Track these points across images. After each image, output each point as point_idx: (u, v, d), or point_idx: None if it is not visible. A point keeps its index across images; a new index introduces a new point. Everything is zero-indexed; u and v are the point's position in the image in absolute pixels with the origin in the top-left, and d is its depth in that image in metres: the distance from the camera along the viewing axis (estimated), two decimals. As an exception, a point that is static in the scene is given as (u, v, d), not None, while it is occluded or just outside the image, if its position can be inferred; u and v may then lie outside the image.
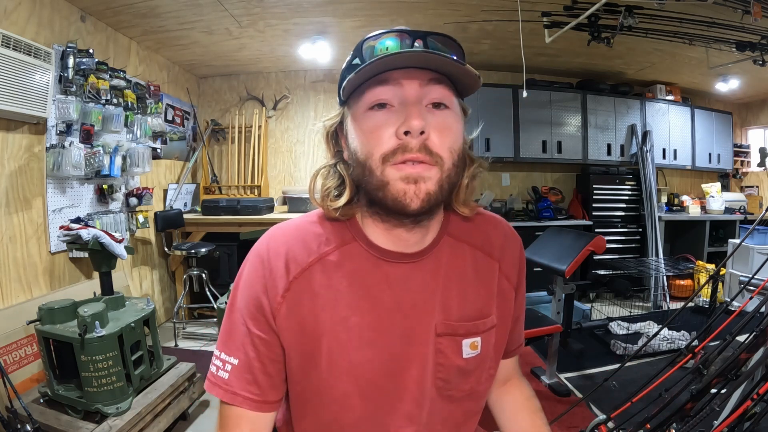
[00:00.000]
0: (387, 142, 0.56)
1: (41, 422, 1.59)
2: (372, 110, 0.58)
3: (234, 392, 0.62)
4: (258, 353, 0.62)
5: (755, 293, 1.70)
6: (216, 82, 4.17)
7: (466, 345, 0.66)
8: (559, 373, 2.51)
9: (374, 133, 0.57)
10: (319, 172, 0.67)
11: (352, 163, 0.61)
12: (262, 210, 3.55)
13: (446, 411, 0.67)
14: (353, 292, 0.62)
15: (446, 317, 0.65)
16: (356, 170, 0.60)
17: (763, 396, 1.10)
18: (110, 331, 1.67)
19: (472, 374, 0.67)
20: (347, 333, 0.62)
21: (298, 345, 0.62)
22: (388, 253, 0.64)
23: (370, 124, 0.57)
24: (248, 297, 0.63)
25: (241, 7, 2.72)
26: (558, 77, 4.27)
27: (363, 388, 0.62)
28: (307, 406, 0.65)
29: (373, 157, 0.56)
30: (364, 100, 0.58)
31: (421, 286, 0.64)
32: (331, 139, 0.66)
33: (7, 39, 1.94)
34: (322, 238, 0.64)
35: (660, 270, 3.55)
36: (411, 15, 2.91)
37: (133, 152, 2.88)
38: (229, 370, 0.62)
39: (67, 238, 2.03)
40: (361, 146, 0.58)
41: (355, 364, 0.62)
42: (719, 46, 2.99)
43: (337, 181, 0.65)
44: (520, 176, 4.42)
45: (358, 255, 0.63)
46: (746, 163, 4.94)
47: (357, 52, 0.60)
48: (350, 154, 0.61)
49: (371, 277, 0.63)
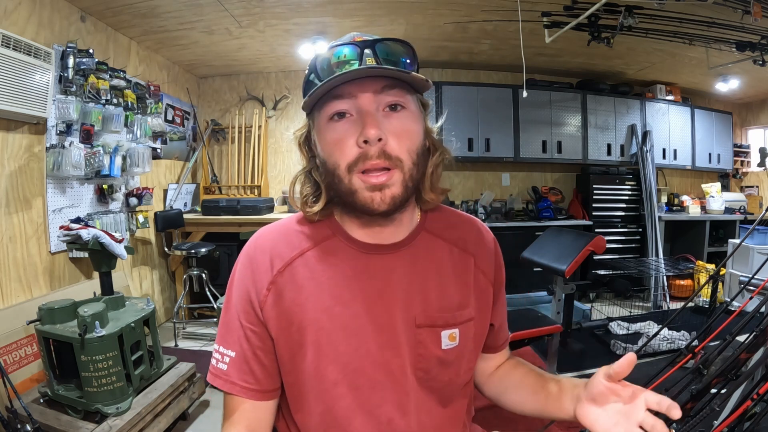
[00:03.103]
0: (349, 151, 0.60)
1: (41, 422, 1.59)
2: (332, 121, 0.62)
3: (232, 382, 0.66)
4: (251, 345, 0.67)
5: (755, 293, 1.70)
6: (216, 82, 4.18)
7: (445, 336, 0.68)
8: (559, 373, 2.50)
9: (337, 144, 0.61)
10: (297, 179, 0.72)
11: (323, 171, 0.66)
12: (262, 210, 3.55)
13: (430, 401, 0.69)
14: (335, 283, 0.66)
15: (425, 308, 0.68)
16: (327, 177, 0.65)
17: (763, 396, 1.10)
18: (110, 331, 1.67)
19: (451, 366, 0.69)
20: (331, 322, 0.65)
21: (286, 335, 0.66)
22: (366, 245, 0.68)
23: (333, 135, 0.61)
24: (239, 293, 0.68)
25: (241, 7, 2.72)
26: (558, 77, 4.27)
27: (350, 378, 0.65)
28: (301, 397, 0.67)
29: (340, 167, 0.61)
30: (325, 112, 0.62)
31: (399, 277, 0.67)
32: (304, 146, 0.70)
33: (7, 39, 1.94)
34: (303, 235, 0.69)
35: (660, 270, 3.55)
36: (411, 15, 2.91)
37: (133, 152, 2.88)
38: (228, 362, 0.67)
39: (67, 238, 2.02)
40: (328, 156, 0.63)
41: (340, 353, 0.64)
42: (719, 46, 2.99)
43: (313, 188, 0.70)
44: (520, 176, 4.42)
45: (339, 249, 0.68)
46: (746, 163, 4.94)
47: (312, 68, 0.63)
48: (321, 162, 0.66)
49: (352, 269, 0.67)
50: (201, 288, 3.22)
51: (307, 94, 0.62)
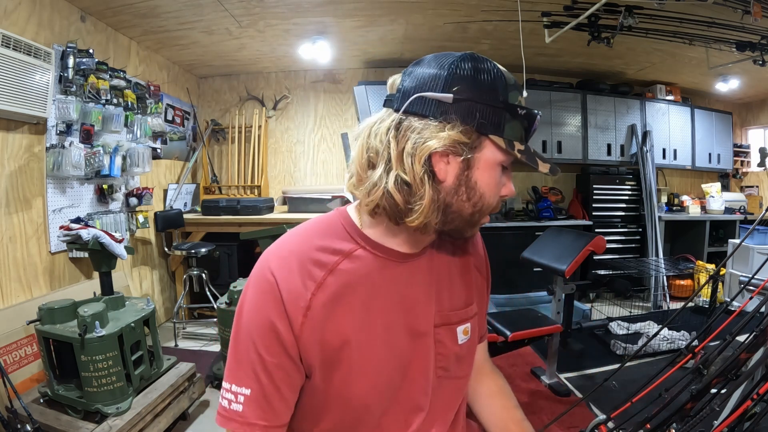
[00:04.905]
0: (494, 200, 0.63)
1: (41, 422, 1.60)
2: (498, 167, 0.61)
3: (250, 423, 0.60)
4: (272, 380, 0.61)
5: (755, 293, 1.69)
6: (216, 82, 4.17)
7: (460, 332, 0.72)
8: (559, 373, 2.51)
9: (493, 189, 0.62)
10: (398, 180, 0.60)
11: (452, 195, 0.60)
12: (262, 210, 3.55)
13: (446, 395, 0.72)
14: (365, 295, 0.64)
15: (440, 308, 0.70)
16: (456, 205, 0.61)
17: (763, 396, 1.10)
18: (110, 331, 1.67)
19: (465, 360, 0.75)
20: (366, 335, 0.63)
21: (321, 358, 0.62)
22: (394, 253, 0.66)
23: (494, 179, 0.61)
24: (258, 323, 0.61)
25: (241, 7, 2.71)
26: (558, 77, 4.27)
27: (380, 387, 0.65)
28: (324, 411, 0.66)
29: (483, 209, 0.62)
30: (498, 154, 0.60)
31: (420, 282, 0.68)
32: (447, 156, 0.59)
33: (7, 39, 1.94)
34: (328, 249, 0.64)
35: (660, 270, 3.55)
36: (411, 15, 2.90)
37: (133, 152, 2.88)
38: (243, 402, 0.60)
39: (67, 238, 2.03)
40: (480, 197, 0.61)
41: (374, 364, 0.64)
42: (719, 46, 2.99)
43: (408, 195, 0.60)
44: (520, 176, 4.41)
45: (366, 259, 0.65)
46: (746, 163, 4.94)
47: (509, 90, 0.59)
48: (454, 187, 0.60)
49: (380, 279, 0.65)
50: (201, 288, 3.22)
51: (508, 121, 0.58)
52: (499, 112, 0.58)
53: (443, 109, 0.57)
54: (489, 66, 0.60)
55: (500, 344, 2.12)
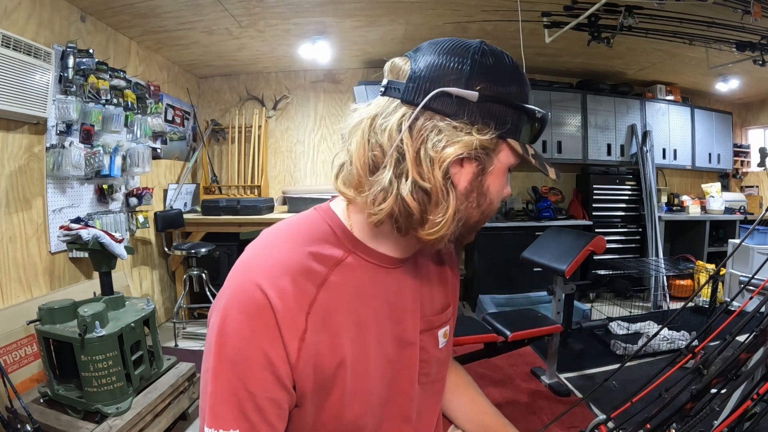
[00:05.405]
0: (499, 204, 0.61)
1: (41, 422, 1.59)
2: (507, 171, 0.58)
3: None
4: (264, 416, 0.51)
5: (755, 293, 1.69)
6: (216, 82, 4.17)
7: (441, 335, 0.69)
8: (559, 373, 2.51)
9: (500, 194, 0.59)
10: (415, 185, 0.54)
11: (462, 201, 0.56)
12: (262, 210, 3.55)
13: (428, 401, 0.70)
14: (357, 310, 0.59)
15: (423, 314, 0.67)
16: (467, 210, 0.56)
17: (763, 396, 1.10)
18: (110, 331, 1.67)
19: (445, 363, 0.72)
20: (360, 354, 0.58)
21: (314, 384, 0.55)
22: (386, 259, 0.61)
23: (502, 184, 0.58)
24: (248, 356, 0.51)
25: (241, 7, 2.71)
26: (558, 77, 4.27)
27: (371, 403, 0.60)
28: (315, 430, 0.61)
29: (489, 215, 0.60)
30: (511, 159, 0.57)
31: (408, 289, 0.65)
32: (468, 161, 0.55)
33: (7, 39, 1.94)
34: (318, 257, 0.56)
35: (660, 270, 3.55)
36: (411, 15, 2.90)
37: (133, 152, 2.88)
38: None
39: (67, 238, 2.02)
40: (489, 203, 0.58)
41: (367, 383, 0.59)
42: (719, 46, 2.99)
43: (425, 197, 0.54)
44: (521, 176, 4.41)
45: (358, 267, 0.59)
46: (746, 163, 4.94)
47: (527, 88, 0.57)
48: (466, 192, 0.55)
49: (371, 289, 0.60)
50: (201, 288, 3.22)
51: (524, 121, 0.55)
52: (520, 114, 0.54)
53: (467, 108, 0.51)
54: (509, 61, 0.55)
55: (500, 344, 2.12)
